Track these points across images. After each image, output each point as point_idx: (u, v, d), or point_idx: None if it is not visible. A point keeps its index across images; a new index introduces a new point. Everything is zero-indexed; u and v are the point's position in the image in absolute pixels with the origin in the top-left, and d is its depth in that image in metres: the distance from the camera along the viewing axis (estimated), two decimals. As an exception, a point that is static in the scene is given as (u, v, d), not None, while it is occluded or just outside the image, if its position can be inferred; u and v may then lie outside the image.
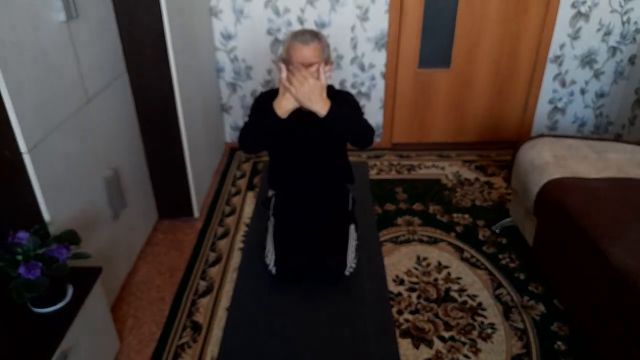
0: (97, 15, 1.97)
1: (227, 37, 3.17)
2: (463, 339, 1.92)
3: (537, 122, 3.49)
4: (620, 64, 3.27)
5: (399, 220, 2.67)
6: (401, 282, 2.22)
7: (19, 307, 1.53)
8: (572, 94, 3.38)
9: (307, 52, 1.93)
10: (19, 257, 1.45)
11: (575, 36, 3.16)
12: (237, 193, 2.98)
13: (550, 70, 3.28)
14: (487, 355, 1.85)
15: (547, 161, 2.18)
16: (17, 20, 1.46)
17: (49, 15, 1.62)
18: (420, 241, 2.50)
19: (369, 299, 2.08)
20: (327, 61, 2.02)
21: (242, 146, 2.03)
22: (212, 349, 1.89)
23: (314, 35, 1.97)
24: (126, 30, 2.17)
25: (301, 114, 1.96)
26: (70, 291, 1.60)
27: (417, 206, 2.80)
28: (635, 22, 3.13)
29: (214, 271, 2.31)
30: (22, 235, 1.48)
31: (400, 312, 2.05)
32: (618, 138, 3.40)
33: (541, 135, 2.42)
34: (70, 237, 1.57)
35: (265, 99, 2.07)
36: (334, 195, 2.33)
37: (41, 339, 1.44)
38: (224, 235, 2.58)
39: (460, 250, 2.43)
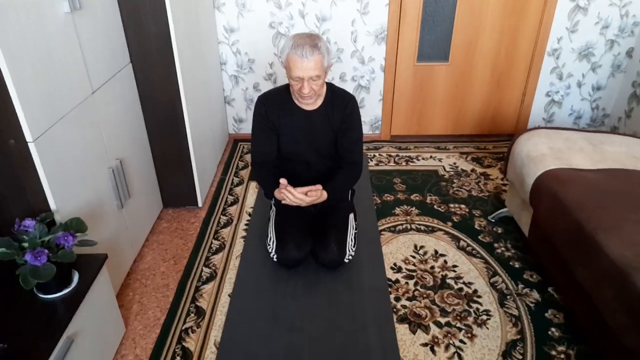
0: (101, 6, 1.97)
1: (230, 30, 3.19)
2: (459, 324, 1.96)
3: (534, 114, 3.51)
4: (618, 57, 3.28)
5: (397, 210, 2.70)
6: (399, 269, 2.26)
7: (25, 294, 1.55)
8: (568, 87, 3.39)
9: (307, 68, 1.91)
10: (25, 245, 1.47)
11: (573, 29, 3.18)
12: (240, 183, 3.02)
13: (548, 63, 3.30)
14: (482, 341, 1.88)
15: (543, 153, 2.19)
16: (21, 11, 1.46)
17: (53, 6, 1.62)
18: (418, 230, 2.53)
19: (367, 286, 2.13)
20: (328, 68, 2.01)
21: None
22: (215, 333, 1.93)
23: (314, 47, 1.90)
24: (130, 21, 2.18)
25: (301, 120, 2.02)
26: (76, 278, 1.61)
27: (415, 196, 2.83)
28: (634, 15, 3.14)
29: (217, 259, 2.35)
30: (29, 222, 1.49)
31: (397, 299, 2.09)
32: (614, 131, 3.42)
33: (538, 128, 2.43)
34: (76, 225, 1.58)
35: (265, 109, 2.12)
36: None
37: (48, 325, 1.46)
38: (227, 224, 2.62)
39: (456, 239, 2.46)
